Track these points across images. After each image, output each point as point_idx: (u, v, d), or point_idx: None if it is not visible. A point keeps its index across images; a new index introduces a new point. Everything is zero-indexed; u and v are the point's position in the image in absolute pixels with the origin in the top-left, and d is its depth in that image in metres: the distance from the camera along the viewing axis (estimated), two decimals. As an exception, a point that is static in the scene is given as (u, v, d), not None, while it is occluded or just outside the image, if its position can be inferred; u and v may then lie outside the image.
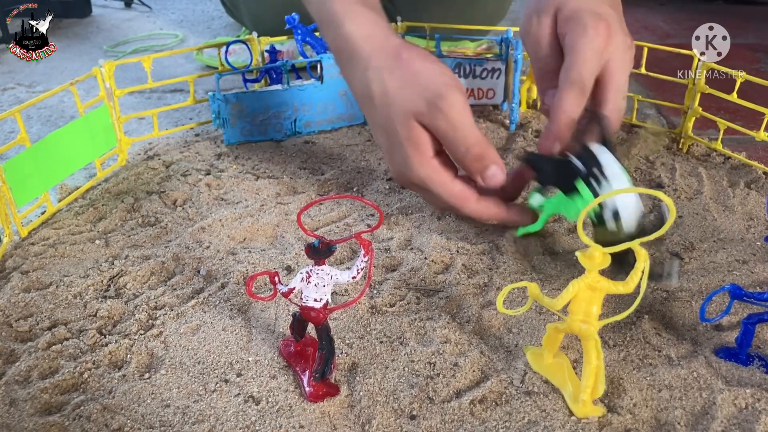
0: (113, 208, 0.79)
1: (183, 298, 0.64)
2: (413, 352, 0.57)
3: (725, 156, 0.88)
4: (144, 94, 1.20)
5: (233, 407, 0.52)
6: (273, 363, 0.56)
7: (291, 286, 0.52)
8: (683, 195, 0.80)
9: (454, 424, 0.50)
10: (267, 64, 1.00)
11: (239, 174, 0.87)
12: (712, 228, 0.74)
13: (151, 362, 0.57)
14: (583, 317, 0.50)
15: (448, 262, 0.69)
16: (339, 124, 1.00)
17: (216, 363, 0.56)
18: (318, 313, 0.52)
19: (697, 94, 0.87)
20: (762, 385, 0.53)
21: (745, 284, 0.64)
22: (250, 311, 0.62)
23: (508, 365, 0.55)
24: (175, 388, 0.54)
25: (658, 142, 0.86)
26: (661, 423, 0.50)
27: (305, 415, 0.51)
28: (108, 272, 0.68)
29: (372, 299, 0.63)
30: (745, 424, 0.49)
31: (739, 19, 1.58)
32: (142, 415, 0.52)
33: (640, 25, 1.54)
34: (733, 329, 0.59)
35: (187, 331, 0.60)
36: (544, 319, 0.60)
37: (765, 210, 0.76)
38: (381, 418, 0.51)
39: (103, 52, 1.47)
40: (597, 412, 0.50)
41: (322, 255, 0.51)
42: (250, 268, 0.68)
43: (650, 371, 0.54)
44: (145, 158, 0.93)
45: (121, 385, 0.54)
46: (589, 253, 0.48)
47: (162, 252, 0.70)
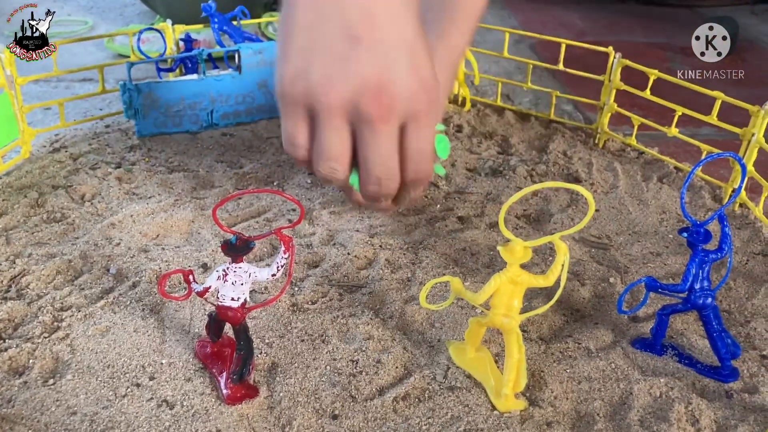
0: (15, 203, 0.74)
1: (91, 298, 0.61)
2: (335, 350, 0.55)
3: (639, 151, 0.90)
4: (50, 82, 1.13)
5: (146, 412, 0.49)
6: (188, 365, 0.54)
7: (207, 284, 0.50)
8: (600, 189, 0.82)
9: (377, 422, 0.49)
10: (182, 53, 0.96)
11: (152, 167, 0.83)
12: (628, 221, 0.75)
13: (56, 367, 0.54)
14: (504, 311, 0.50)
15: (371, 258, 0.68)
16: (258, 116, 0.97)
17: (127, 366, 0.53)
18: (235, 312, 0.50)
19: (613, 91, 0.89)
20: (675, 374, 0.54)
21: (659, 276, 0.66)
22: (163, 311, 0.59)
23: (430, 360, 0.55)
24: (82, 394, 0.51)
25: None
26: (581, 415, 0.51)
27: (222, 418, 0.49)
28: (8, 272, 0.63)
29: (293, 297, 0.62)
30: (660, 413, 0.50)
31: (650, 19, 1.64)
32: (46, 425, 0.48)
33: (557, 22, 1.58)
34: (648, 320, 0.60)
35: (95, 333, 0.56)
36: (466, 314, 0.60)
37: (677, 204, 0.78)
38: (302, 419, 0.49)
39: (4, 37, 1.38)
40: (519, 405, 0.51)
41: (240, 252, 0.49)
42: (163, 266, 0.65)
43: (570, 363, 0.55)
44: (50, 150, 0.87)
45: (22, 392, 0.51)
46: (510, 247, 0.48)
47: (68, 250, 0.66)
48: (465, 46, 0.70)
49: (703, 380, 0.54)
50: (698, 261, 0.53)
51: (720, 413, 0.51)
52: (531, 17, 1.62)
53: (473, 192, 0.80)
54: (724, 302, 0.63)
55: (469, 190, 0.81)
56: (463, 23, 0.68)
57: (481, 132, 0.95)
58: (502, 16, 1.62)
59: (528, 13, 1.65)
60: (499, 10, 1.67)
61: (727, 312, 0.62)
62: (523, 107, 1.03)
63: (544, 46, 1.38)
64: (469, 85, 1.08)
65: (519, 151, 0.90)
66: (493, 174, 0.84)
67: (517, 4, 1.72)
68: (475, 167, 0.86)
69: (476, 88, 1.12)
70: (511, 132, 0.96)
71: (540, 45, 1.39)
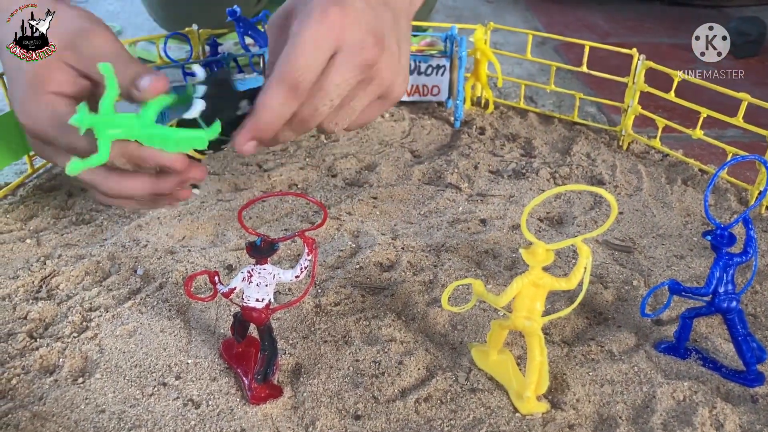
0: (45, 205, 0.76)
1: (119, 299, 0.62)
2: (358, 352, 0.56)
3: (663, 153, 0.90)
4: (79, 87, 1.15)
5: (172, 411, 0.50)
6: (213, 365, 0.55)
7: (232, 286, 0.51)
8: (623, 191, 0.81)
9: (399, 423, 0.50)
10: (208, 57, 0.97)
11: (179, 170, 0.84)
12: (652, 224, 0.75)
13: (85, 366, 0.55)
14: (526, 314, 0.50)
15: (393, 260, 0.68)
16: (282, 120, 0.98)
17: (154, 366, 0.54)
18: (260, 313, 0.51)
19: (637, 93, 0.88)
20: (699, 378, 0.54)
21: (683, 279, 0.66)
22: (189, 312, 0.60)
23: (453, 363, 0.55)
24: (110, 392, 0.52)
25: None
26: (603, 418, 0.51)
27: (247, 418, 0.50)
28: (39, 272, 0.65)
29: (316, 298, 0.62)
30: (683, 417, 0.50)
31: (675, 20, 1.62)
32: (75, 422, 0.49)
33: (580, 24, 1.57)
34: (672, 323, 0.60)
35: (123, 333, 0.58)
36: (488, 316, 0.60)
37: (702, 206, 0.78)
38: (325, 419, 0.50)
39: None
40: (541, 408, 0.51)
41: (265, 254, 0.49)
42: (189, 268, 0.66)
43: (593, 366, 0.55)
44: (79, 154, 0.89)
45: (52, 390, 0.52)
46: (533, 250, 0.48)
47: (97, 251, 0.68)
48: None
49: (728, 384, 0.54)
50: (722, 264, 0.52)
51: (745, 418, 0.50)
52: (554, 19, 1.61)
53: (495, 194, 0.80)
54: (750, 306, 0.63)
55: (491, 192, 0.81)
56: None
57: (504, 134, 0.95)
58: (525, 18, 1.61)
59: (551, 14, 1.65)
60: (522, 12, 1.66)
61: (753, 316, 0.61)
62: (546, 109, 1.03)
63: (567, 48, 1.37)
64: (492, 87, 1.08)
65: (542, 153, 0.90)
66: (515, 176, 0.84)
67: (541, 5, 1.72)
68: (497, 169, 0.86)
69: (499, 90, 1.12)
70: (534, 134, 0.95)
71: (563, 47, 1.38)
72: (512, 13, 1.67)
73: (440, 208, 0.77)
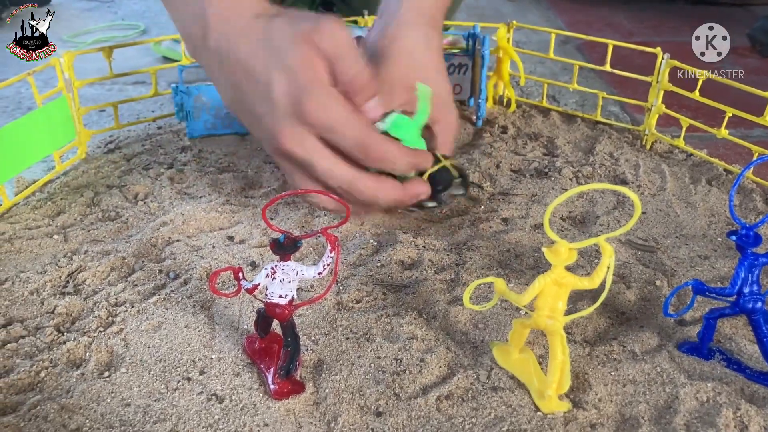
0: (72, 202, 0.77)
1: (144, 294, 0.63)
2: (380, 349, 0.56)
3: (687, 153, 0.89)
4: (104, 85, 1.17)
5: (196, 405, 0.51)
6: (237, 360, 0.55)
7: (255, 282, 0.51)
8: (647, 191, 0.81)
9: (420, 420, 0.50)
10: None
11: (202, 168, 0.85)
12: (675, 224, 0.74)
13: (111, 360, 0.56)
14: (549, 313, 0.50)
15: (415, 258, 0.68)
16: (305, 118, 0.99)
17: (178, 361, 0.55)
18: (283, 309, 0.51)
19: (661, 92, 0.87)
20: (723, 379, 0.54)
21: (707, 279, 0.65)
22: (213, 308, 0.61)
23: (474, 361, 0.55)
24: (135, 386, 0.53)
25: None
26: (625, 417, 0.50)
27: (270, 413, 0.51)
28: (66, 268, 0.66)
29: (338, 295, 0.63)
30: (707, 418, 0.50)
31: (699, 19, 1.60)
32: (102, 415, 0.50)
33: (603, 23, 1.56)
34: (695, 324, 0.59)
35: (148, 328, 0.58)
36: (510, 315, 0.60)
37: (726, 206, 0.77)
38: (347, 415, 0.50)
39: (62, 42, 1.43)
40: (563, 407, 0.51)
41: (288, 250, 0.50)
42: (213, 264, 0.66)
43: (615, 366, 0.55)
44: (105, 151, 0.90)
45: (79, 384, 0.53)
46: (555, 249, 0.48)
47: (123, 247, 0.69)
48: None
49: (752, 386, 0.53)
50: (747, 264, 0.52)
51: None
52: (577, 18, 1.60)
53: (518, 193, 0.80)
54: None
55: (513, 191, 0.81)
56: None
57: (527, 133, 0.95)
58: (548, 17, 1.61)
59: (574, 13, 1.64)
60: (545, 11, 1.66)
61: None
62: (569, 108, 1.03)
63: (590, 47, 1.37)
64: (515, 86, 1.08)
65: (565, 152, 0.90)
66: (538, 175, 0.84)
67: (563, 4, 1.71)
68: (520, 168, 0.86)
69: (522, 89, 1.11)
70: (557, 133, 0.95)
71: (586, 46, 1.37)
72: (534, 12, 1.66)
73: (462, 206, 0.78)
